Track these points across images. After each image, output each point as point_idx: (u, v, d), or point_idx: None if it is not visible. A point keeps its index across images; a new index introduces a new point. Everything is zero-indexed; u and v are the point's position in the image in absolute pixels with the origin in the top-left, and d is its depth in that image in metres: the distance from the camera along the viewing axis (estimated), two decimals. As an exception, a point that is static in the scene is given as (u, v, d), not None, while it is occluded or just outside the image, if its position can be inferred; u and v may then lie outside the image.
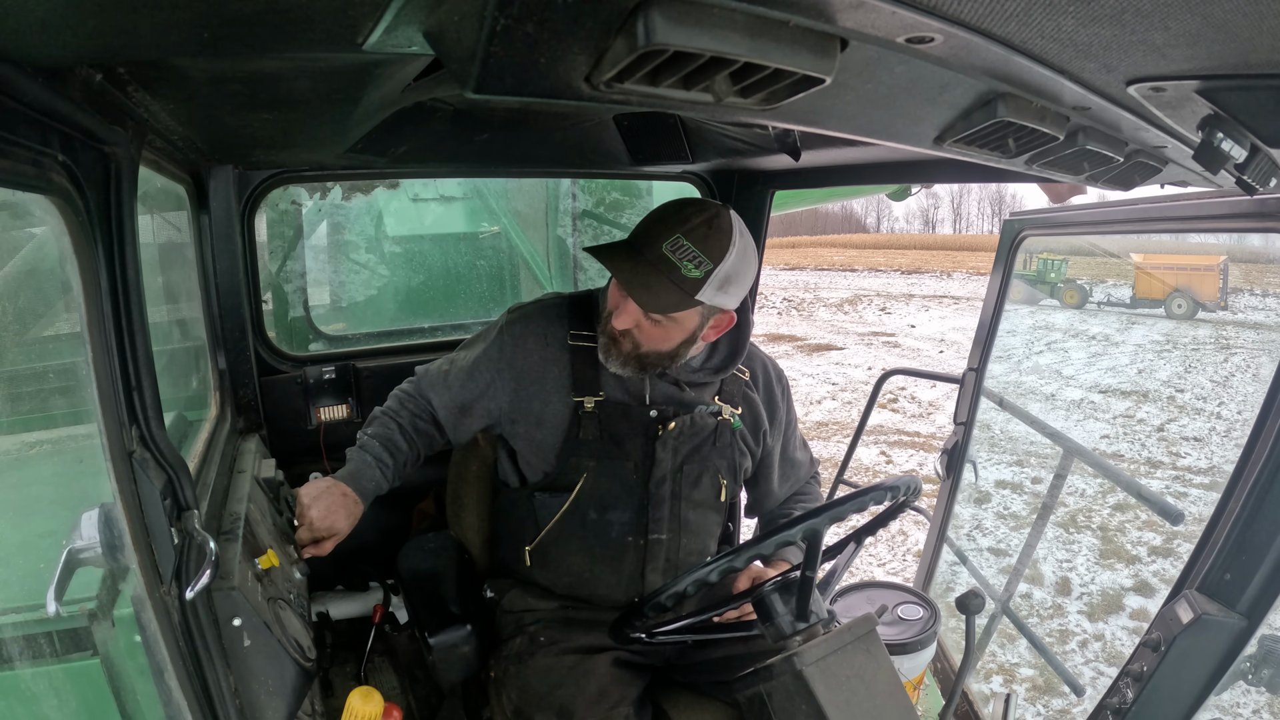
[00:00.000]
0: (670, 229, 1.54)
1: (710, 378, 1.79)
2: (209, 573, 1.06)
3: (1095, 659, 5.02)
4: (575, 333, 1.78)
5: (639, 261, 1.54)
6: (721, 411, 1.79)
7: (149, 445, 1.01)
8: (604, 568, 1.77)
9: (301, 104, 1.22)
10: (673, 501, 1.78)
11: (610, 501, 1.76)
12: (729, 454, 1.83)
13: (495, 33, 0.57)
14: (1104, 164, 1.09)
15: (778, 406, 1.92)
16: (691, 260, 1.52)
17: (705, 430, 1.79)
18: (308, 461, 2.28)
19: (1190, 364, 13.83)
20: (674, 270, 1.52)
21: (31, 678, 1.13)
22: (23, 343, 1.46)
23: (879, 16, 0.60)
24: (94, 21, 0.67)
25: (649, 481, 1.75)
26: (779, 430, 1.93)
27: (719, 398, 1.82)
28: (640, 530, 1.76)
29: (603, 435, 1.75)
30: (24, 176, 0.76)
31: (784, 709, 1.29)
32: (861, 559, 6.11)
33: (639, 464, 1.75)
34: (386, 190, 3.53)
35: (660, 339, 1.64)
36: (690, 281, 1.52)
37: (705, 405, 1.79)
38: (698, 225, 1.53)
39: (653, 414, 1.75)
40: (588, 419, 1.74)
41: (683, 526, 1.79)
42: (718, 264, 1.52)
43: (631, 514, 1.76)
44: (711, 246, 1.53)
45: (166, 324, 1.87)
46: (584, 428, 1.74)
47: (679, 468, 1.77)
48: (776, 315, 21.67)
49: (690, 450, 1.78)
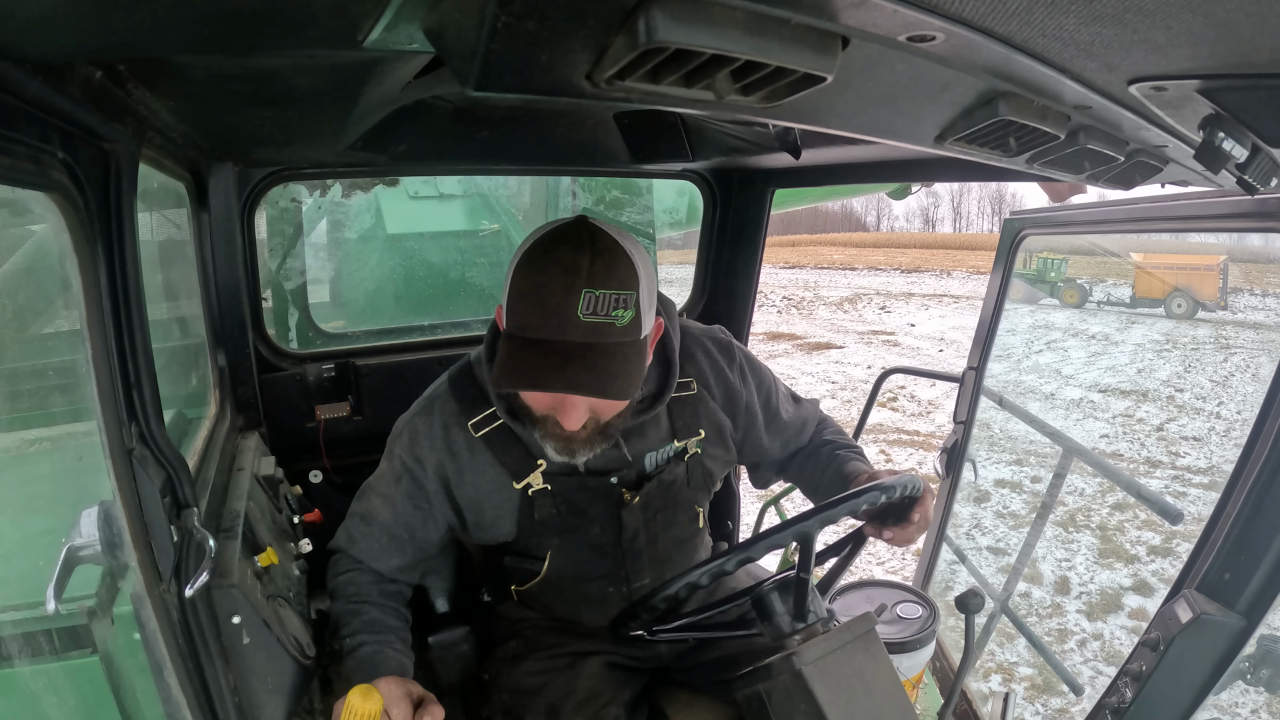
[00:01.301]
0: (572, 289, 1.23)
1: (651, 412, 1.54)
2: (208, 570, 1.06)
3: (1094, 658, 5.03)
4: (474, 420, 1.53)
5: (566, 357, 1.24)
6: (686, 449, 1.63)
7: (148, 443, 1.01)
8: (590, 613, 1.72)
9: (302, 101, 1.22)
10: (650, 548, 1.65)
11: (583, 566, 1.64)
12: (701, 483, 1.68)
13: (496, 30, 0.57)
14: (1105, 163, 1.09)
15: (737, 392, 1.68)
16: (616, 306, 1.25)
17: (675, 479, 1.63)
18: (307, 459, 2.28)
19: (1190, 364, 13.83)
20: (608, 331, 1.25)
21: (31, 675, 1.13)
22: (22, 340, 1.46)
23: (880, 15, 0.60)
24: (94, 18, 0.67)
25: (620, 541, 1.61)
26: (752, 413, 1.71)
27: (675, 433, 1.61)
28: (620, 580, 1.66)
29: (560, 511, 1.57)
30: (24, 173, 0.76)
31: (783, 708, 1.29)
32: (861, 558, 6.11)
33: (606, 526, 1.60)
34: (386, 188, 3.52)
35: (616, 405, 1.41)
36: (629, 328, 1.27)
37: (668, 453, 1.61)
38: (590, 267, 1.25)
39: (613, 480, 1.57)
40: (540, 497, 1.55)
41: (664, 564, 1.70)
42: (638, 289, 1.28)
43: (608, 569, 1.65)
44: (621, 276, 1.26)
45: (166, 321, 1.87)
46: (538, 507, 1.56)
47: (651, 519, 1.63)
48: (776, 314, 21.67)
49: (661, 502, 1.63)
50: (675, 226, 4.42)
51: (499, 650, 1.78)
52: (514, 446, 1.54)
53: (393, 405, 2.39)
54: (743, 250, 2.67)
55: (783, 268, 36.83)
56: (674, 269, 5.12)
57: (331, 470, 2.30)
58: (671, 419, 1.62)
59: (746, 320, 2.76)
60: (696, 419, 1.64)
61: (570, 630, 1.76)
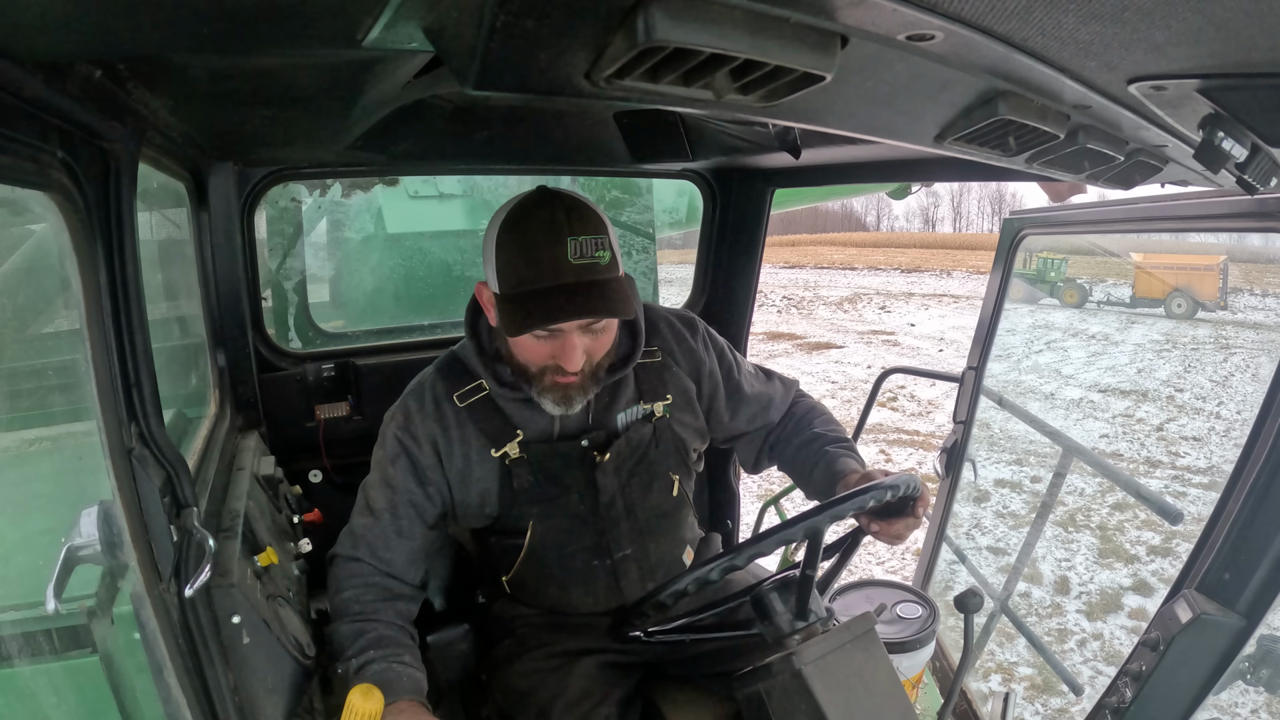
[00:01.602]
0: (558, 240, 1.38)
1: (621, 371, 1.64)
2: (208, 570, 1.06)
3: (1094, 658, 5.03)
4: (460, 393, 1.63)
5: (563, 293, 1.38)
6: (653, 412, 1.70)
7: (148, 442, 1.01)
8: (577, 590, 1.74)
9: (301, 101, 1.22)
10: (628, 518, 1.70)
11: (564, 538, 1.69)
12: (672, 449, 1.74)
13: (495, 29, 0.57)
14: (1104, 163, 1.09)
15: (700, 359, 1.77)
16: (597, 249, 1.40)
17: (644, 439, 1.70)
18: (307, 459, 2.28)
19: (1190, 363, 13.83)
20: (595, 270, 1.40)
21: (30, 675, 1.13)
22: (22, 339, 1.46)
23: (880, 14, 0.60)
24: (94, 17, 0.67)
25: (598, 508, 1.67)
26: (714, 380, 1.79)
27: (642, 396, 1.70)
28: (603, 552, 1.70)
29: (538, 479, 1.64)
30: (23, 173, 0.76)
31: (782, 708, 1.29)
32: (861, 557, 6.12)
33: (583, 494, 1.66)
34: (386, 187, 3.52)
35: (606, 342, 1.54)
36: (610, 265, 1.42)
37: (635, 415, 1.69)
38: (566, 218, 1.39)
39: (584, 443, 1.64)
40: (517, 466, 1.62)
41: (646, 536, 1.73)
42: (608, 233, 1.44)
43: (590, 540, 1.69)
44: (595, 223, 1.42)
45: (166, 321, 1.87)
46: (516, 477, 1.63)
47: (625, 484, 1.69)
48: (776, 313, 21.67)
49: (634, 465, 1.69)
50: (675, 226, 4.42)
51: (494, 650, 1.78)
52: (495, 417, 1.63)
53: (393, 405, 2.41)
54: (742, 250, 2.67)
55: (783, 267, 36.84)
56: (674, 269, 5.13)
57: (331, 470, 2.30)
58: (638, 383, 1.71)
59: (746, 320, 2.76)
60: (662, 384, 1.73)
61: (564, 627, 1.76)
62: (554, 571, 1.72)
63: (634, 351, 1.66)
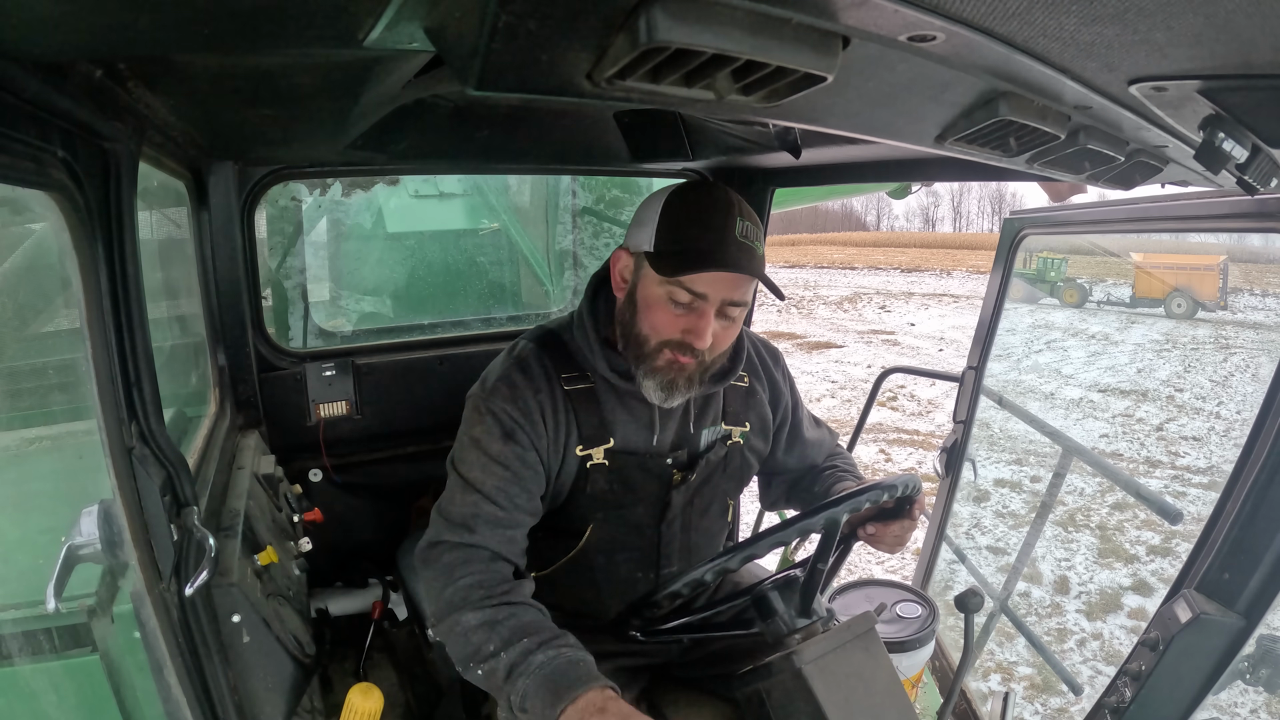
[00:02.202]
0: (727, 216, 1.41)
1: (713, 387, 1.63)
2: (208, 569, 1.06)
3: (1093, 658, 5.03)
4: (565, 375, 1.57)
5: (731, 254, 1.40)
6: (731, 435, 1.70)
7: (148, 441, 1.01)
8: (613, 599, 1.70)
9: (302, 100, 1.22)
10: (683, 535, 1.69)
11: (619, 545, 1.65)
12: (738, 474, 1.76)
13: (497, 29, 0.57)
14: (1105, 163, 1.09)
15: (781, 390, 1.80)
16: (756, 239, 1.43)
17: (719, 465, 1.70)
18: (307, 458, 2.28)
19: (1189, 363, 13.84)
20: (753, 253, 1.43)
21: (31, 674, 1.14)
22: (22, 339, 1.46)
23: (881, 15, 0.60)
24: (94, 17, 0.67)
25: (660, 523, 1.65)
26: (786, 414, 1.81)
27: (725, 417, 1.70)
28: (651, 565, 1.69)
29: (613, 488, 1.59)
30: (24, 172, 0.76)
31: (782, 707, 1.29)
32: (861, 557, 6.12)
33: (650, 508, 1.64)
34: (386, 187, 3.52)
35: (731, 336, 1.52)
36: (762, 259, 1.45)
37: (715, 435, 1.68)
38: (740, 204, 1.44)
39: (668, 462, 1.62)
40: (596, 472, 1.57)
41: (692, 553, 1.72)
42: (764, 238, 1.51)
43: (641, 553, 1.67)
44: (753, 218, 1.45)
45: (166, 320, 1.87)
46: (592, 481, 1.58)
47: (688, 503, 1.67)
48: (776, 313, 21.66)
49: (701, 484, 1.68)
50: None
51: None
52: (595, 414, 1.57)
53: (393, 404, 2.41)
54: (743, 249, 2.66)
55: (783, 267, 36.81)
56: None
57: (331, 469, 2.30)
58: (725, 404, 1.70)
59: (746, 319, 2.76)
60: (746, 409, 1.72)
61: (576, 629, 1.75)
62: (598, 576, 1.68)
63: (735, 364, 1.65)
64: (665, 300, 1.44)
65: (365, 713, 1.29)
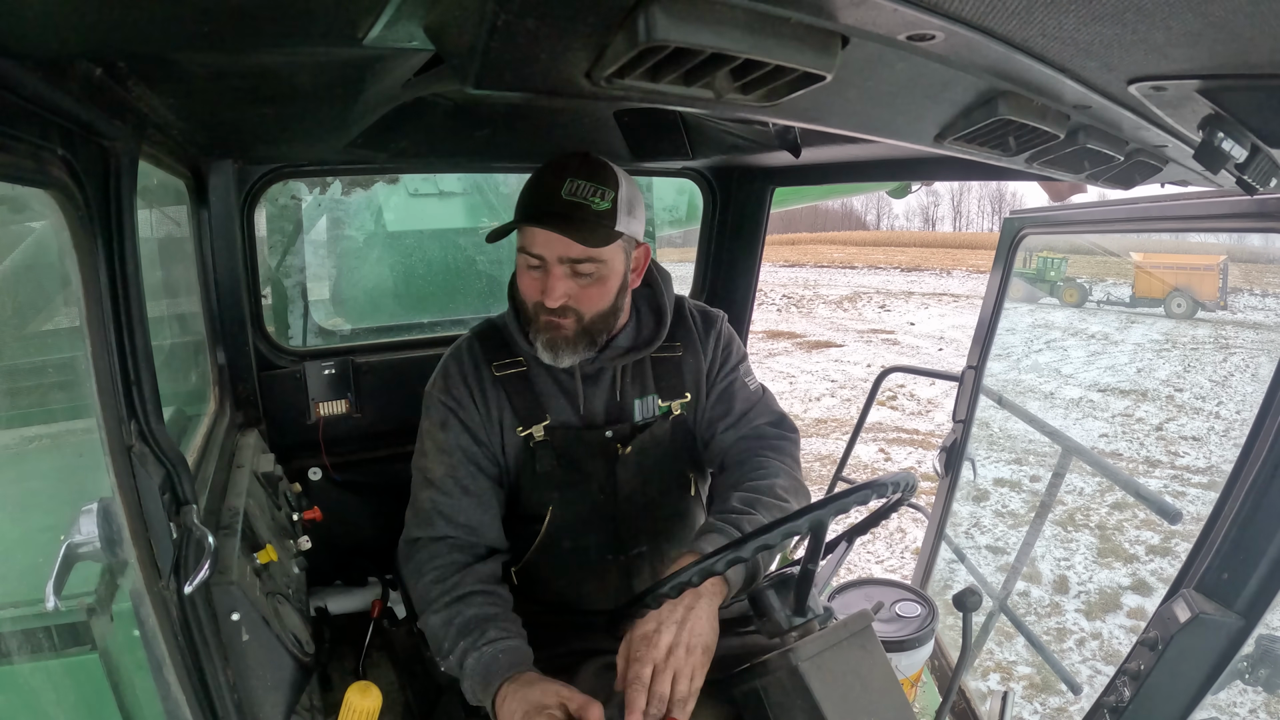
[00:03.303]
0: (558, 179, 1.49)
1: (642, 353, 1.68)
2: (207, 567, 1.06)
3: (1092, 657, 5.03)
4: (498, 363, 1.67)
5: (548, 215, 1.48)
6: (671, 410, 1.72)
7: (148, 440, 1.01)
8: (588, 586, 1.74)
9: (302, 99, 1.22)
10: (646, 514, 1.72)
11: (581, 527, 1.70)
12: (688, 448, 1.77)
13: (496, 28, 0.57)
14: (1104, 163, 1.09)
15: (714, 356, 1.77)
16: (594, 195, 1.48)
17: (663, 437, 1.72)
18: (306, 456, 2.28)
19: (1189, 363, 13.83)
20: (584, 209, 1.48)
21: (30, 672, 1.14)
22: (22, 337, 1.46)
23: (880, 14, 0.60)
24: (94, 15, 0.67)
25: (616, 500, 1.69)
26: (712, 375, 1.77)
27: (660, 391, 1.72)
28: (618, 547, 1.72)
29: (560, 464, 1.66)
30: (23, 171, 0.76)
31: (780, 705, 1.29)
32: (860, 556, 6.12)
33: (603, 485, 1.69)
34: (386, 185, 3.52)
35: (598, 297, 1.56)
36: (605, 213, 1.49)
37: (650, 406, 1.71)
38: (578, 166, 1.51)
39: (608, 434, 1.68)
40: (541, 449, 1.66)
41: (661, 535, 1.75)
42: (617, 189, 1.51)
43: (606, 535, 1.71)
44: (603, 177, 1.51)
45: (166, 319, 1.87)
46: (539, 459, 1.66)
47: (645, 480, 1.71)
48: (776, 312, 21.66)
49: (654, 461, 1.71)
50: (675, 225, 4.41)
51: None
52: (528, 394, 1.66)
53: (392, 403, 2.40)
54: (742, 248, 2.67)
55: (782, 266, 36.80)
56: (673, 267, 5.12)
57: (331, 468, 2.30)
58: (657, 376, 1.73)
59: (746, 318, 2.76)
60: (681, 381, 1.74)
61: (570, 627, 1.76)
62: (568, 562, 1.72)
63: (656, 336, 1.69)
64: (523, 265, 1.55)
65: (364, 711, 1.28)
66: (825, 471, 7.96)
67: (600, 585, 1.74)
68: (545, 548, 1.71)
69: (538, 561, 1.73)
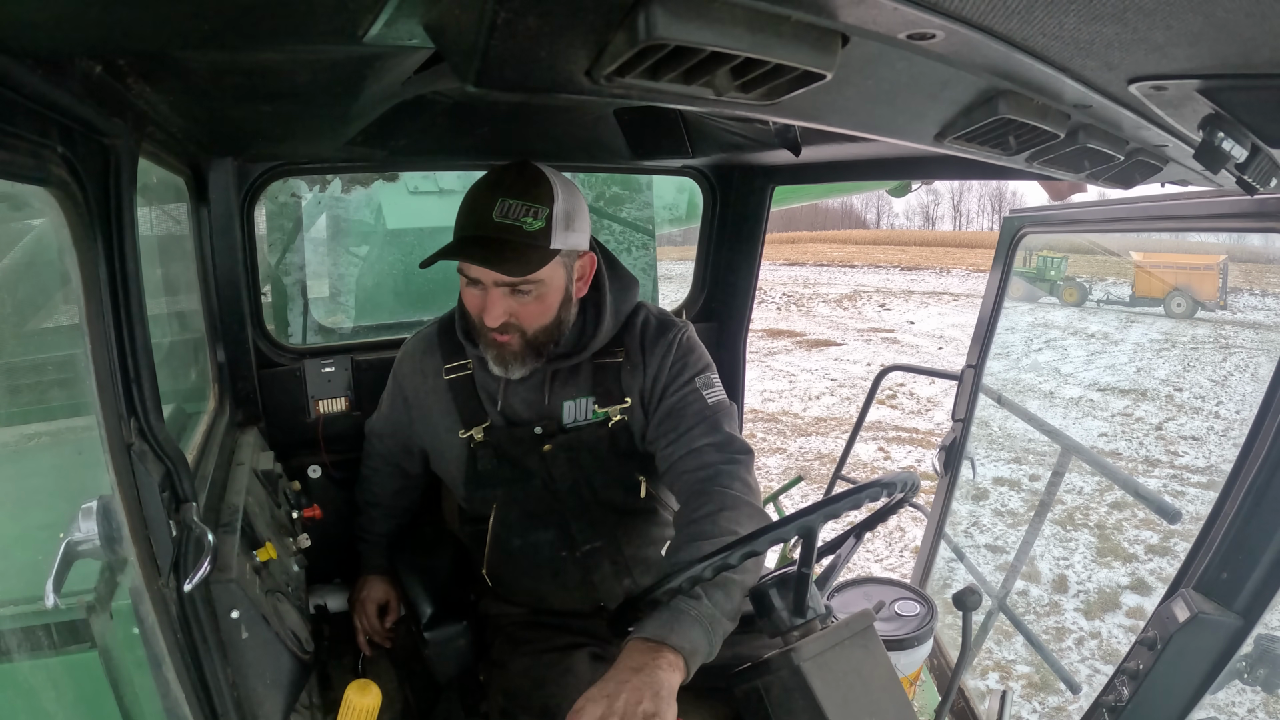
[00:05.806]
0: (489, 199, 1.50)
1: (575, 359, 1.66)
2: (207, 565, 1.06)
3: (1091, 657, 5.04)
4: (449, 365, 1.75)
5: (478, 243, 1.50)
6: (609, 418, 1.70)
7: (147, 438, 1.01)
8: (549, 584, 1.75)
9: (301, 96, 1.22)
10: (594, 510, 1.72)
11: (528, 524, 1.72)
12: (629, 450, 1.71)
13: (496, 26, 0.57)
14: (1104, 162, 1.09)
15: (660, 367, 1.68)
16: (526, 214, 1.48)
17: (599, 441, 1.69)
18: (306, 454, 2.28)
19: (1189, 363, 13.83)
20: (516, 231, 1.48)
21: (29, 670, 1.14)
22: (21, 335, 1.46)
23: (880, 13, 0.60)
24: (94, 13, 0.67)
25: (557, 496, 1.70)
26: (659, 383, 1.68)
27: (596, 395, 1.69)
28: (570, 544, 1.72)
29: (500, 463, 1.70)
30: (23, 168, 0.76)
31: (781, 704, 1.29)
32: (860, 555, 6.12)
33: (546, 481, 1.70)
34: (386, 183, 3.52)
35: (539, 313, 1.57)
36: (538, 234, 1.49)
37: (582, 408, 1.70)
38: (511, 182, 1.51)
39: (537, 430, 1.69)
40: (481, 450, 1.71)
41: (617, 531, 1.74)
42: (551, 205, 1.50)
43: (554, 531, 1.72)
44: (536, 194, 1.50)
45: (165, 316, 1.86)
46: (480, 459, 1.71)
47: (586, 479, 1.70)
48: (776, 310, 21.67)
49: (591, 461, 1.70)
50: (675, 223, 4.42)
51: (489, 651, 1.80)
52: (472, 399, 1.73)
53: None
54: (742, 247, 2.67)
55: (782, 265, 36.82)
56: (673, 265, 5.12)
57: (330, 465, 2.30)
58: (594, 380, 1.71)
59: (746, 317, 2.76)
60: (620, 387, 1.71)
61: (548, 625, 1.76)
62: (522, 561, 1.74)
63: (593, 340, 1.67)
64: (465, 283, 1.59)
65: (363, 709, 1.29)
66: (825, 470, 7.97)
67: (560, 582, 1.75)
68: (497, 545, 1.75)
69: (497, 562, 1.77)
